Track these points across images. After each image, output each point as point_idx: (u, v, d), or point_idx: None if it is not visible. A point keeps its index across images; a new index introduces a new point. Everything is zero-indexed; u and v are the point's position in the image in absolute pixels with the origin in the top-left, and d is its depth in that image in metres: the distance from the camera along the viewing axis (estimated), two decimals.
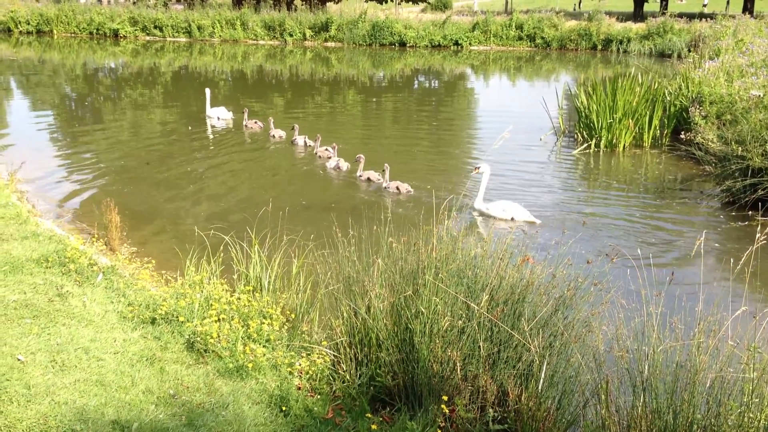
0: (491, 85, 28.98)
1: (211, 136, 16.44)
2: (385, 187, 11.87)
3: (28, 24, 40.87)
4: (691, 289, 7.51)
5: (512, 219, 10.29)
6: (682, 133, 14.05)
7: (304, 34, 39.89)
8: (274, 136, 15.80)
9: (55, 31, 40.86)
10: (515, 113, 20.30)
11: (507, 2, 63.57)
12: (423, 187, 12.01)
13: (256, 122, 16.81)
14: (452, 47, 39.10)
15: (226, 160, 13.95)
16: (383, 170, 11.96)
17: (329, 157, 13.51)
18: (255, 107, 19.45)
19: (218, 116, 17.73)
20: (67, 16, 41.09)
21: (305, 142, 15.00)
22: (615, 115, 15.06)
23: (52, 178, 12.30)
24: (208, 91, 18.22)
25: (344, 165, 13.11)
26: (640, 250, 7.12)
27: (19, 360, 4.93)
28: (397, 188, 11.67)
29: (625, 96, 15.15)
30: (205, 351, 5.50)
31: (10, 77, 26.52)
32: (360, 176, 12.45)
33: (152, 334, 5.69)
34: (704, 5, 62.24)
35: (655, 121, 15.69)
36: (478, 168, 10.79)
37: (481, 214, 10.69)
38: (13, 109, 20.19)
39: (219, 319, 5.79)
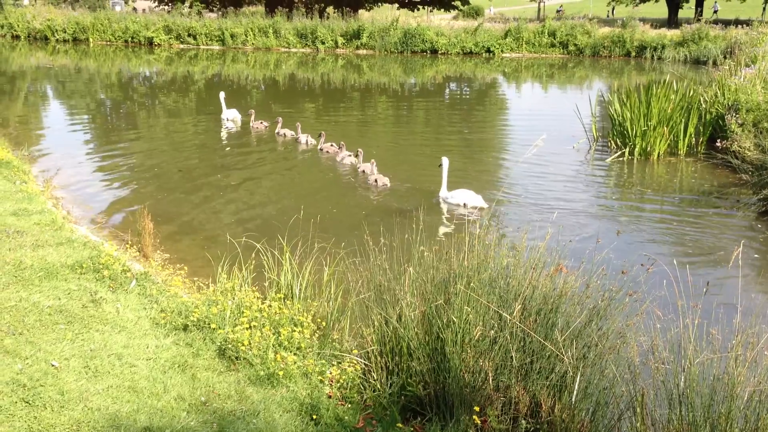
0: (523, 92, 28.85)
1: (225, 138, 16.71)
2: (370, 179, 12.66)
3: (65, 32, 41.67)
4: (728, 300, 7.36)
5: (464, 205, 11.23)
6: (718, 141, 13.84)
7: (336, 42, 40.09)
8: (285, 135, 16.46)
9: (90, 39, 41.57)
10: (548, 120, 20.18)
11: (539, 9, 63.30)
12: None
13: (261, 122, 17.63)
14: (484, 54, 39.02)
15: (252, 166, 14.02)
16: (371, 163, 12.96)
17: (337, 153, 14.44)
18: (286, 114, 19.51)
19: (227, 117, 18.41)
20: (103, 24, 41.83)
21: (307, 140, 15.75)
22: (649, 123, 14.86)
23: (86, 185, 12.44)
24: (222, 94, 18.86)
25: (354, 160, 13.96)
26: (675, 259, 7.00)
27: (53, 366, 4.98)
28: (376, 181, 12.50)
29: (660, 103, 14.95)
30: (237, 358, 5.51)
31: (47, 85, 27.02)
32: (358, 167, 13.42)
33: (184, 340, 5.71)
34: (715, 11, 61.35)
35: (691, 129, 15.43)
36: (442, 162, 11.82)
37: (444, 201, 11.55)
38: (50, 116, 20.56)
39: (250, 327, 5.79)
